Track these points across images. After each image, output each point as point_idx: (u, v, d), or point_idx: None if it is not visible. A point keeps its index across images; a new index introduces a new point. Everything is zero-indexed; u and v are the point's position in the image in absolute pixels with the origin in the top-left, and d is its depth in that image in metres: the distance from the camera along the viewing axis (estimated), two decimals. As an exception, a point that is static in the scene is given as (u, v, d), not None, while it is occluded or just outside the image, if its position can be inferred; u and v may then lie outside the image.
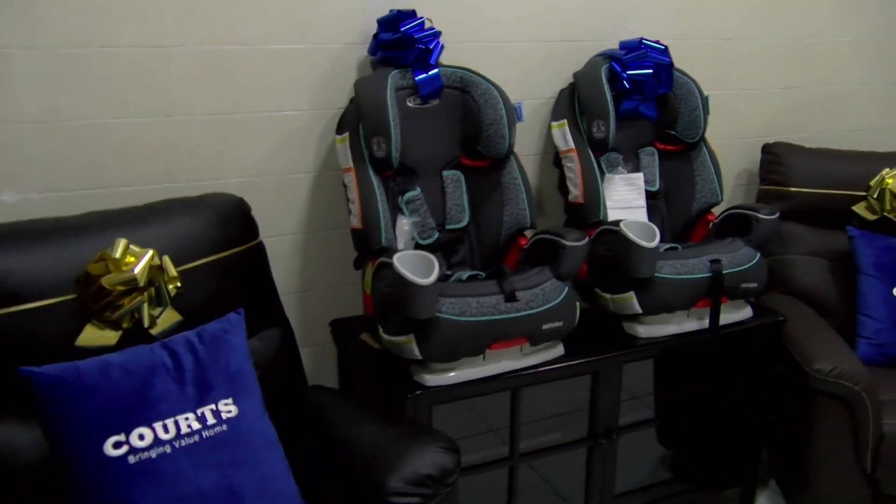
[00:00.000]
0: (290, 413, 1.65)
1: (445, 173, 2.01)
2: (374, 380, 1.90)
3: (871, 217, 2.42)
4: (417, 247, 1.95)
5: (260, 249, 1.78)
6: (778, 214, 2.10)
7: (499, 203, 2.02)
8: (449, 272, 1.95)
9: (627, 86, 2.16)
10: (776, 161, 2.52)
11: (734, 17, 2.49)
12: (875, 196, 2.40)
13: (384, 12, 1.94)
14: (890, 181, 2.38)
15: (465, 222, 2.03)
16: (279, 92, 1.93)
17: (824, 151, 2.53)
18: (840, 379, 1.89)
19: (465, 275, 1.86)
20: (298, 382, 1.82)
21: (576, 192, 2.12)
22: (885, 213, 2.40)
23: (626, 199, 2.21)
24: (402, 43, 1.91)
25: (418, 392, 1.68)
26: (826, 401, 1.93)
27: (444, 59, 1.99)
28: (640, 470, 2.16)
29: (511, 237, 2.02)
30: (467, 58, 2.07)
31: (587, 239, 1.83)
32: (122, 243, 1.51)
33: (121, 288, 1.48)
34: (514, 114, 1.98)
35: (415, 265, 1.60)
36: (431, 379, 1.71)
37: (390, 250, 1.77)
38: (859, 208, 2.43)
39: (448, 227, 2.01)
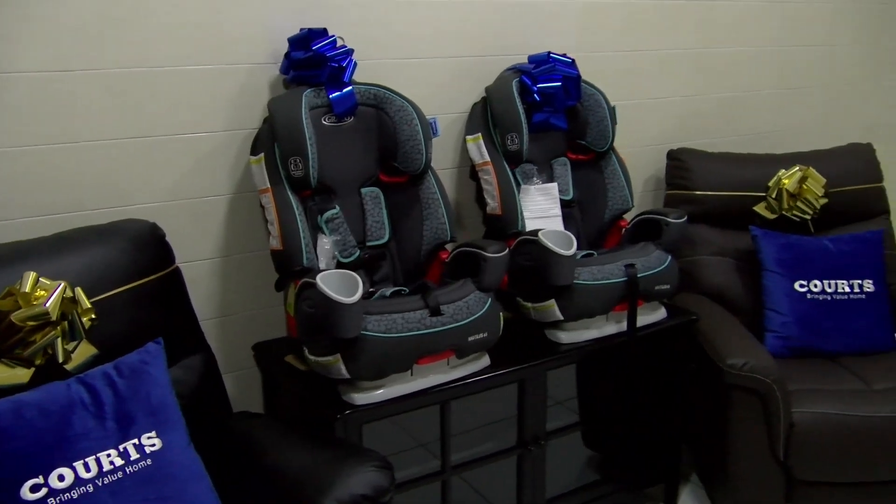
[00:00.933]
0: (216, 442, 1.61)
1: (364, 190, 2.01)
2: (301, 402, 1.87)
3: (771, 216, 2.55)
4: (339, 265, 1.94)
5: (177, 276, 1.74)
6: (686, 218, 2.18)
7: (418, 218, 2.04)
8: (372, 289, 1.95)
9: (538, 98, 2.21)
10: (681, 166, 2.62)
11: (636, 31, 2.58)
12: (774, 196, 2.53)
13: (295, 31, 1.93)
14: (786, 181, 2.51)
15: (385, 239, 2.04)
16: (190, 114, 1.89)
17: (725, 156, 2.65)
18: (752, 373, 1.98)
19: (389, 291, 1.87)
20: (223, 410, 1.78)
21: (493, 204, 2.15)
22: (784, 212, 2.53)
23: (542, 209, 2.25)
24: (314, 62, 1.90)
25: (347, 412, 1.67)
26: (740, 394, 2.02)
27: (358, 76, 1.99)
28: (568, 474, 2.20)
29: (432, 251, 2.03)
30: (381, 75, 2.08)
31: (507, 250, 1.86)
32: (31, 276, 1.45)
33: (32, 323, 1.42)
34: (429, 129, 2.00)
35: (338, 284, 1.59)
36: (360, 398, 1.70)
37: (312, 270, 1.75)
38: (760, 208, 2.55)
39: (369, 244, 2.01)
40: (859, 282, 2.37)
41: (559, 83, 2.22)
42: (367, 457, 1.51)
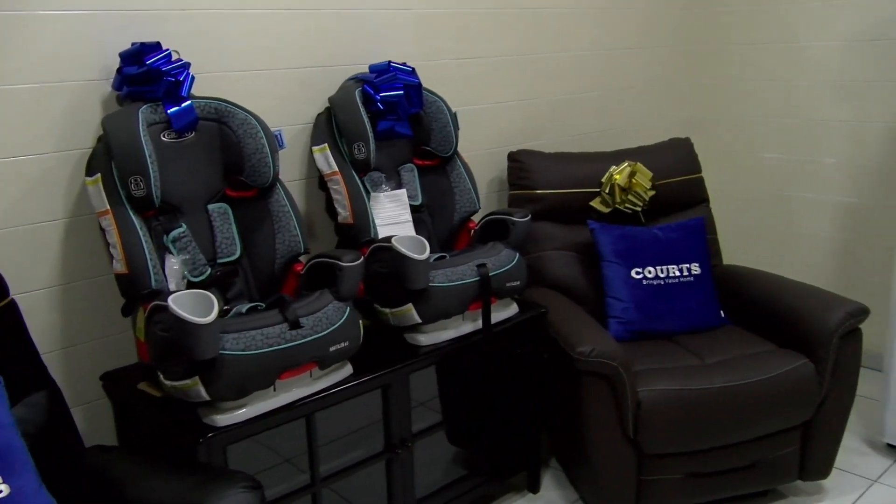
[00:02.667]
0: (70, 481, 1.52)
1: (211, 207, 1.96)
2: (158, 430, 1.80)
3: (605, 210, 2.72)
4: (190, 285, 1.88)
5: (12, 309, 1.62)
6: (529, 216, 2.29)
7: (270, 232, 2.01)
8: (227, 307, 1.91)
9: (381, 107, 2.25)
10: (521, 167, 2.74)
11: (471, 38, 2.68)
12: (607, 191, 2.70)
13: (126, 46, 1.86)
14: (617, 177, 2.69)
15: (237, 255, 2.00)
16: (16, 136, 1.77)
17: (561, 155, 2.79)
18: (599, 358, 2.10)
19: (245, 307, 1.84)
20: (75, 446, 1.68)
21: (345, 213, 2.16)
22: (617, 206, 2.70)
23: (392, 216, 2.29)
24: (149, 77, 1.83)
25: (210, 434, 1.63)
26: (590, 379, 2.14)
27: (198, 90, 1.94)
28: (436, 472, 2.24)
29: (286, 264, 2.02)
30: (222, 88, 2.04)
31: (362, 258, 1.88)
32: None
33: None
34: (275, 142, 1.98)
35: (192, 304, 1.55)
36: (222, 419, 1.66)
37: (162, 292, 1.70)
38: (595, 203, 2.72)
39: (220, 261, 1.97)
40: (687, 266, 2.58)
41: (401, 91, 2.27)
42: (234, 479, 1.48)
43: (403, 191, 2.32)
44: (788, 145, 3.43)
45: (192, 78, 1.90)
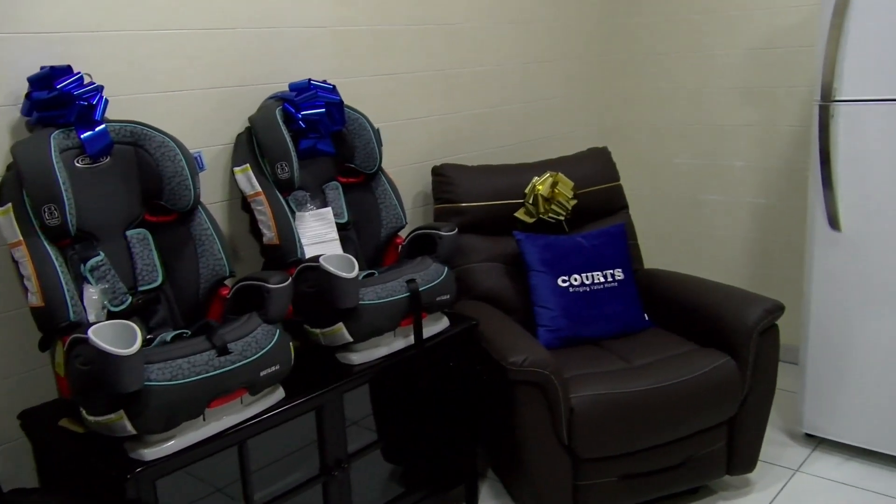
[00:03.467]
0: (-12, 528, 1.45)
1: (129, 233, 1.91)
2: (83, 468, 1.73)
3: (530, 220, 2.76)
4: (110, 315, 1.82)
5: (-82, 350, 1.54)
6: (456, 230, 2.30)
7: (193, 256, 1.97)
8: (150, 336, 1.85)
9: (303, 125, 2.23)
10: (445, 181, 2.75)
11: (390, 54, 2.68)
12: (531, 202, 2.74)
13: (35, 70, 1.79)
14: (540, 187, 2.73)
15: (158, 281, 1.94)
16: (-86, 167, 1.69)
17: (484, 168, 2.82)
18: (532, 367, 2.12)
19: (170, 335, 1.78)
20: (-8, 491, 1.60)
21: (270, 234, 2.13)
22: (541, 216, 2.75)
23: (319, 235, 2.27)
24: (60, 101, 1.77)
25: (138, 469, 1.57)
26: (523, 389, 2.16)
27: (112, 113, 1.89)
28: (373, 492, 2.22)
29: (211, 289, 1.97)
30: (137, 111, 1.99)
31: (290, 279, 1.85)
32: None
33: None
34: (195, 164, 1.94)
35: (113, 336, 1.50)
36: (150, 452, 1.61)
37: (81, 324, 1.63)
38: (520, 214, 2.75)
39: (141, 288, 1.91)
40: (611, 271, 2.64)
41: (323, 109, 2.25)
42: (166, 513, 1.44)
43: (329, 209, 2.31)
44: (700, 150, 3.56)
45: (106, 101, 1.85)
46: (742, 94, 3.38)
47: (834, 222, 2.56)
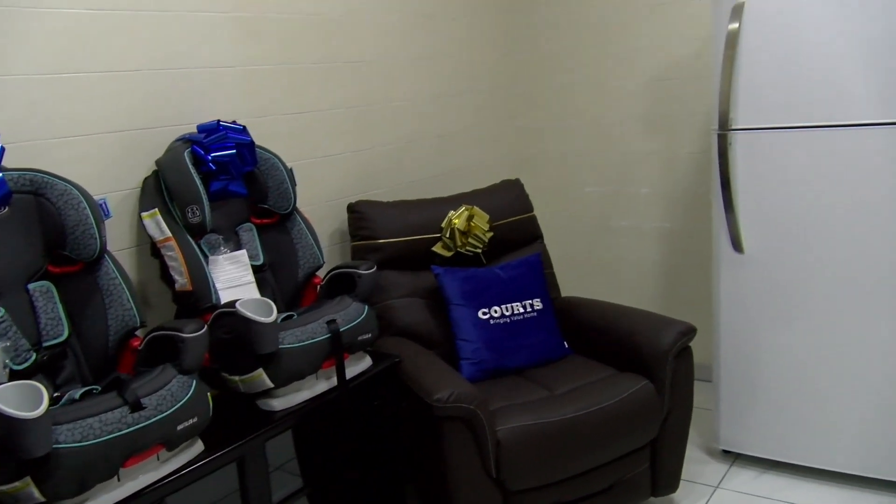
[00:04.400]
0: None
1: (32, 286, 1.81)
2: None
3: (448, 254, 2.77)
4: (13, 375, 1.71)
5: None
6: (375, 267, 2.29)
7: (101, 307, 1.88)
8: (57, 394, 1.75)
9: (213, 167, 2.18)
10: (362, 217, 2.74)
11: (300, 92, 2.66)
12: (448, 236, 2.75)
13: (-80, 119, 1.69)
14: (456, 221, 2.75)
15: (64, 335, 1.84)
16: None
17: (400, 203, 2.82)
18: (457, 403, 2.11)
19: (78, 393, 1.69)
20: None
21: (182, 280, 2.06)
22: (459, 249, 2.76)
23: (234, 278, 2.21)
24: (-50, 151, 1.68)
25: (48, 539, 1.48)
26: (450, 424, 2.14)
27: (9, 161, 1.79)
28: (301, 541, 2.16)
29: (121, 341, 1.89)
30: (37, 158, 1.90)
31: (205, 326, 1.79)
32: None
33: None
34: (100, 211, 1.87)
35: (17, 398, 1.41)
36: (61, 519, 1.51)
37: (-19, 387, 1.53)
38: (438, 248, 2.76)
39: (46, 344, 1.81)
40: (530, 301, 2.67)
41: (233, 151, 2.21)
42: (81, 584, 1.35)
43: (243, 251, 2.25)
44: (608, 178, 3.66)
45: (2, 149, 1.76)
46: (644, 123, 3.51)
47: (737, 244, 2.67)
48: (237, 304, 1.90)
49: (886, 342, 2.48)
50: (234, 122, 2.28)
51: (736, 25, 2.53)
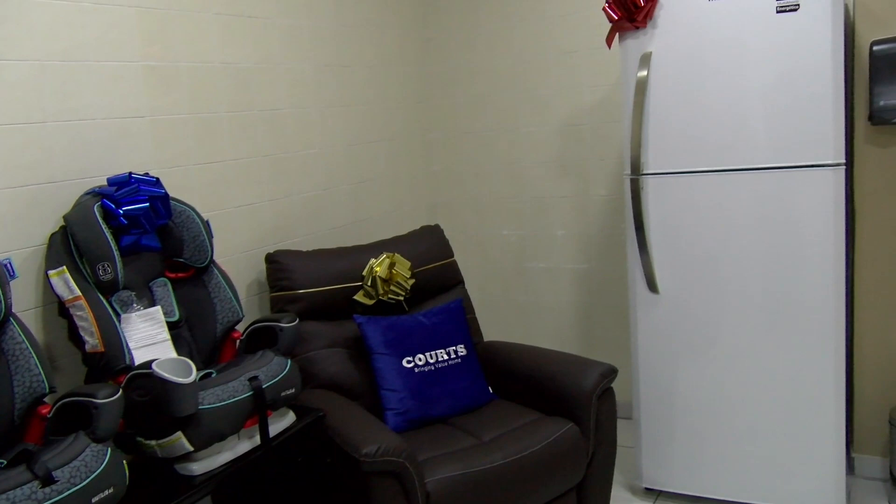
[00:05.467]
0: None
1: (-74, 355, 1.69)
2: None
3: (370, 302, 2.74)
4: None
5: None
6: (297, 321, 2.24)
7: (5, 374, 1.77)
8: (-44, 471, 1.63)
9: (124, 222, 2.10)
10: (280, 268, 2.68)
11: (213, 142, 2.61)
12: (369, 284, 2.72)
13: None
14: (378, 269, 2.73)
15: (-37, 406, 1.73)
16: None
17: (319, 252, 2.78)
18: (386, 457, 2.07)
19: (-20, 469, 1.58)
20: None
21: (93, 341, 1.96)
22: (381, 297, 2.74)
23: (148, 336, 2.12)
24: None
25: None
26: (379, 479, 2.09)
27: None
28: None
29: (28, 409, 1.78)
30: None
31: (120, 391, 1.71)
32: None
33: None
34: (4, 272, 1.76)
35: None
36: None
37: None
38: (359, 297, 2.73)
39: (-58, 417, 1.69)
40: (454, 348, 2.66)
41: (146, 204, 2.13)
42: None
43: (158, 308, 2.17)
44: (524, 221, 3.72)
45: None
46: (556, 167, 3.60)
47: (652, 286, 2.75)
48: (153, 365, 1.81)
49: (791, 373, 2.59)
50: (146, 174, 2.21)
51: (644, 73, 2.63)
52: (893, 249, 2.75)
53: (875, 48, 2.60)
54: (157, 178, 2.22)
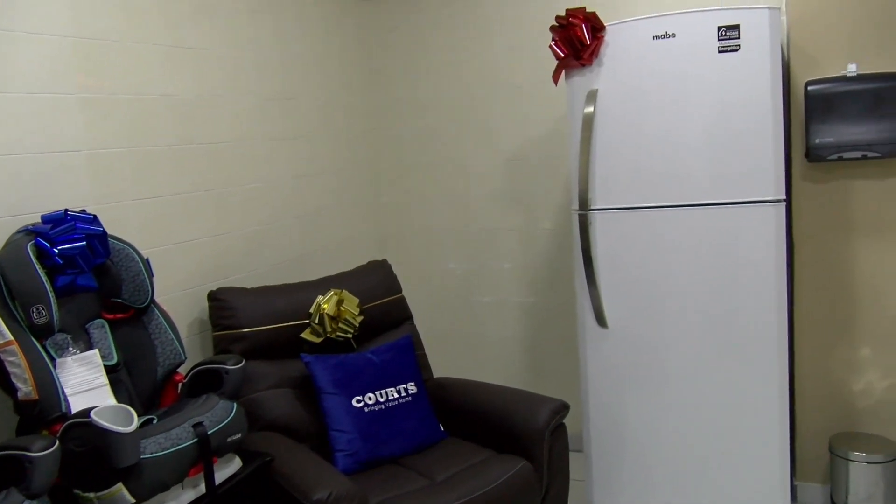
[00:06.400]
0: None
1: None
2: None
3: (317, 340, 2.67)
4: None
5: None
6: (243, 362, 2.16)
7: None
8: None
9: (59, 261, 2.00)
10: (223, 306, 2.60)
11: (152, 177, 2.52)
12: (317, 321, 2.66)
13: None
14: (325, 306, 2.67)
15: None
16: None
17: (264, 289, 2.71)
18: (337, 502, 2.01)
19: None
20: None
21: (26, 388, 1.85)
22: (329, 335, 2.67)
23: (84, 381, 2.01)
24: None
25: None
26: (331, 526, 2.03)
27: None
28: None
29: (-47, 464, 1.66)
30: None
31: (56, 443, 1.61)
32: None
33: None
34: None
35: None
36: None
37: None
38: (307, 335, 2.66)
39: None
40: (404, 386, 2.61)
41: (83, 242, 2.04)
42: None
43: (95, 351, 2.06)
44: (470, 254, 3.71)
45: None
46: (503, 200, 3.60)
47: (601, 320, 2.76)
48: (92, 414, 1.72)
49: (737, 403, 2.62)
50: (83, 211, 2.12)
51: (591, 109, 2.66)
52: (831, 283, 2.83)
53: (810, 88, 2.69)
54: (95, 216, 2.13)
